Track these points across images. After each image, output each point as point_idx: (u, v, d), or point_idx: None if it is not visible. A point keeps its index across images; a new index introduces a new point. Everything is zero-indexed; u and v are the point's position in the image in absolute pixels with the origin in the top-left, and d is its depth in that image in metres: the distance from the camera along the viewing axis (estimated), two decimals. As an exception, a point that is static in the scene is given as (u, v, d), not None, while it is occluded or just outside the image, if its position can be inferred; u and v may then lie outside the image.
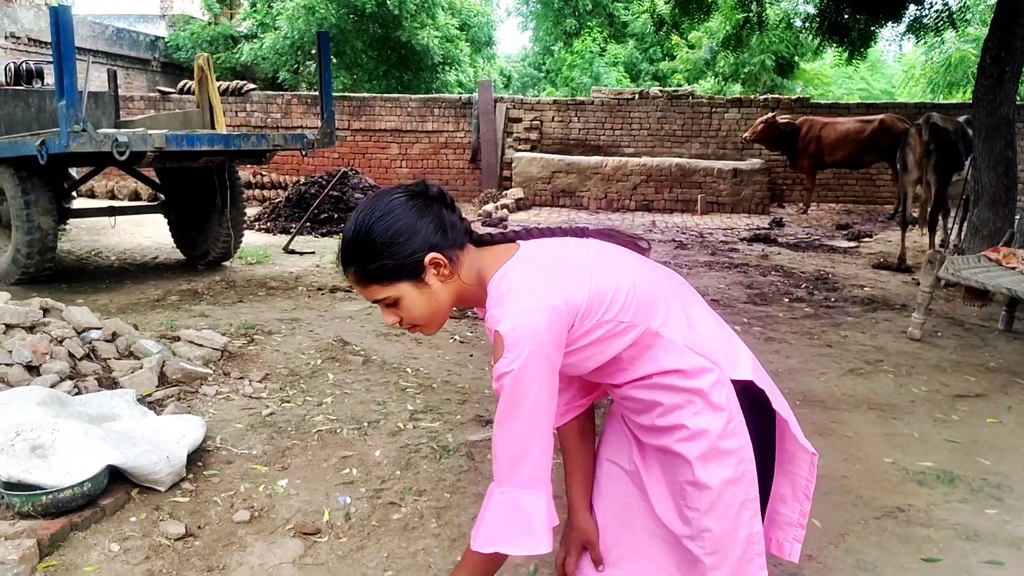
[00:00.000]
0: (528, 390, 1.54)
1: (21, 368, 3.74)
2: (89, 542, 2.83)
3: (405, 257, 1.60)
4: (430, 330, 1.72)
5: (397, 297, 1.64)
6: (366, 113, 16.02)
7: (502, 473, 1.58)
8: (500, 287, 1.61)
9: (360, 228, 1.61)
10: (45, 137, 6.31)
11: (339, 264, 1.68)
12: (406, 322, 1.69)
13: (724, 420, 1.65)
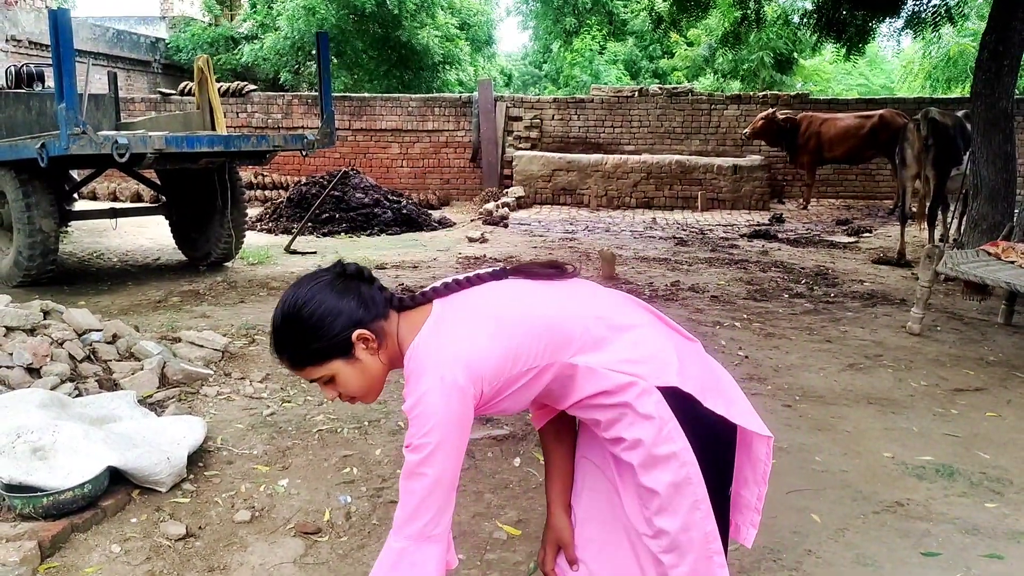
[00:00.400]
0: (431, 463, 1.59)
1: (22, 370, 3.76)
2: (90, 543, 2.85)
3: (333, 337, 1.67)
4: (368, 399, 1.79)
5: (332, 375, 1.71)
6: (367, 113, 16.03)
7: (399, 524, 1.63)
8: (410, 365, 1.67)
9: (287, 317, 1.69)
10: (45, 140, 6.33)
11: (272, 352, 1.76)
12: (345, 396, 1.76)
13: (656, 428, 1.68)
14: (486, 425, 3.98)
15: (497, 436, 3.86)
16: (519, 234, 11.37)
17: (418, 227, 12.02)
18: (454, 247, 10.13)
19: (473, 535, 3.06)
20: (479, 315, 1.71)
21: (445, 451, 1.59)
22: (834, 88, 29.47)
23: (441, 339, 1.66)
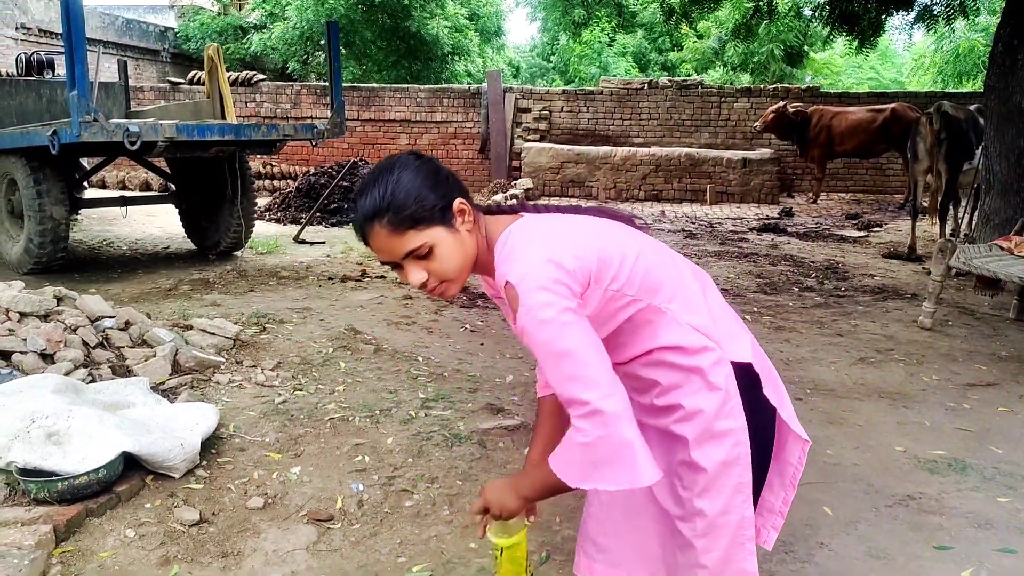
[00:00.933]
0: (557, 328, 1.49)
1: (36, 356, 3.77)
2: (105, 528, 2.86)
3: (437, 200, 1.58)
4: (455, 287, 1.66)
5: (432, 245, 1.58)
6: (375, 103, 16.02)
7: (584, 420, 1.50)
8: (508, 244, 1.60)
9: (389, 180, 1.58)
10: (57, 127, 6.33)
11: (363, 224, 1.61)
12: (435, 276, 1.62)
13: (720, 400, 1.64)
14: (497, 415, 3.99)
15: (508, 426, 3.86)
16: (528, 226, 11.35)
17: (427, 218, 12.01)
18: (463, 238, 10.12)
19: (485, 524, 3.07)
20: (575, 226, 1.66)
21: (565, 313, 1.50)
22: (844, 82, 29.36)
23: (542, 232, 1.61)
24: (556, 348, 1.50)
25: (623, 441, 1.49)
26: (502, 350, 5.13)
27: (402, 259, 1.60)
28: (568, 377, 1.49)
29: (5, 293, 4.21)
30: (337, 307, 5.95)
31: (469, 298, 6.61)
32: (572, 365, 1.49)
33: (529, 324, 1.50)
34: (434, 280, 1.63)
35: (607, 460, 1.50)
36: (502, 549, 1.75)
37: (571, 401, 1.50)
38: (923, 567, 2.83)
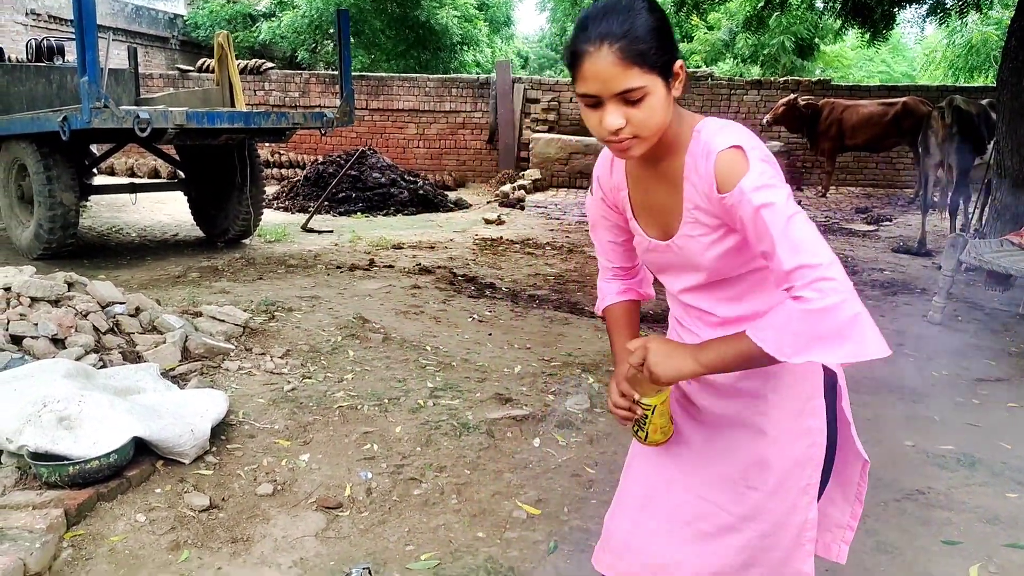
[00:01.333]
0: (786, 194, 1.44)
1: (47, 341, 3.78)
2: (115, 512, 2.87)
3: (669, 50, 1.49)
4: (642, 147, 1.53)
5: (647, 92, 1.47)
6: (384, 93, 16.00)
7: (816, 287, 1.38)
8: (711, 126, 1.54)
9: (632, 10, 1.46)
10: (67, 113, 6.34)
11: (587, 43, 1.48)
12: (632, 127, 1.50)
13: (807, 396, 1.61)
14: (506, 405, 3.99)
15: (517, 416, 3.86)
16: (536, 216, 11.35)
17: (434, 208, 12.02)
18: (470, 228, 10.12)
19: (492, 513, 3.07)
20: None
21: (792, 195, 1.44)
22: (855, 75, 29.22)
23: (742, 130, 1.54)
24: (786, 212, 1.42)
25: (853, 311, 1.37)
26: (510, 341, 5.13)
27: (611, 96, 1.48)
28: (797, 243, 1.40)
29: (16, 278, 4.22)
30: (345, 296, 5.96)
31: (477, 289, 6.61)
32: (800, 231, 1.41)
33: (763, 186, 1.44)
34: (629, 130, 1.50)
35: (833, 331, 1.38)
36: (654, 408, 1.65)
37: (799, 268, 1.39)
38: (931, 561, 2.83)
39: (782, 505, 1.64)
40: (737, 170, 1.46)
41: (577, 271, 7.59)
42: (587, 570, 2.73)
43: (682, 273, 1.68)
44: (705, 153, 1.51)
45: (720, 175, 1.48)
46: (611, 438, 3.74)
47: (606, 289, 1.94)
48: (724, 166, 1.47)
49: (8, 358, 3.57)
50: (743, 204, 1.45)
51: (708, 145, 1.51)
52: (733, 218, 1.49)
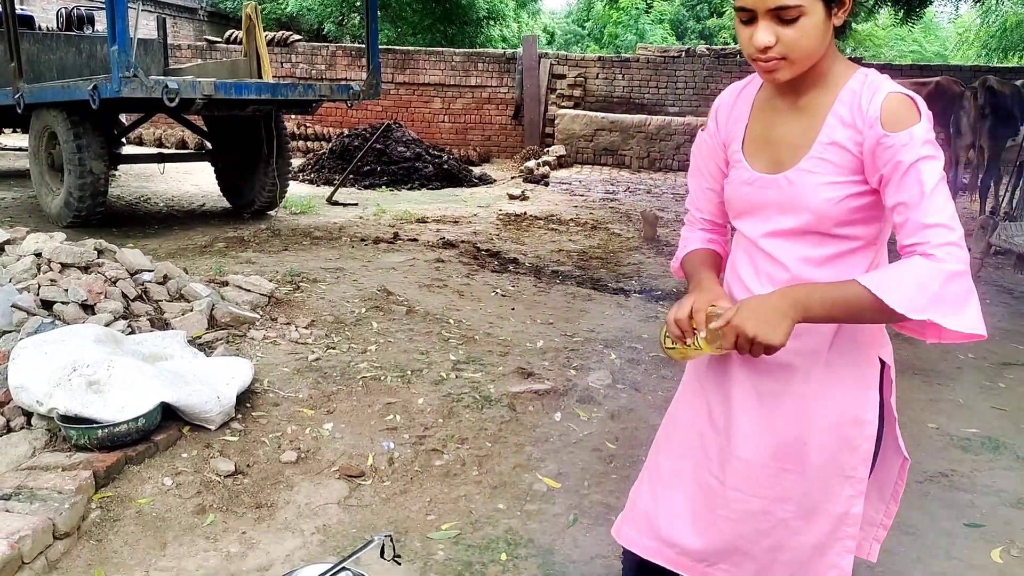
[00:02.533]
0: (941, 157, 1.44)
1: (77, 307, 3.83)
2: (143, 475, 2.92)
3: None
4: (791, 71, 1.50)
5: (803, 12, 1.43)
6: (410, 67, 15.96)
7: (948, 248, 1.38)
8: (874, 74, 1.51)
9: None
10: (97, 82, 6.39)
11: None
12: (783, 46, 1.46)
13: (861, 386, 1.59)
14: (528, 379, 4.00)
15: (538, 390, 3.88)
16: (560, 193, 11.31)
17: (458, 183, 12.02)
18: (494, 204, 10.11)
19: (513, 486, 3.10)
20: None
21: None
22: (886, 54, 28.77)
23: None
24: (939, 172, 1.42)
25: (971, 285, 1.40)
26: (533, 316, 5.14)
27: (765, 11, 1.44)
28: (943, 204, 1.40)
29: (47, 244, 4.28)
30: (369, 268, 5.98)
31: (500, 263, 6.62)
32: (947, 197, 1.41)
33: (929, 141, 1.42)
34: (778, 50, 1.46)
35: (954, 297, 1.37)
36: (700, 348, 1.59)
37: (939, 226, 1.38)
38: (953, 544, 2.82)
39: (817, 490, 1.60)
40: (909, 115, 1.43)
41: (600, 248, 7.57)
42: (606, 544, 2.75)
43: (778, 214, 1.58)
44: (873, 88, 1.47)
45: (889, 113, 1.44)
46: (632, 414, 3.75)
47: (691, 237, 1.83)
48: (895, 107, 1.44)
49: (39, 322, 3.62)
50: (906, 149, 1.41)
51: (878, 84, 1.47)
52: (878, 160, 1.45)
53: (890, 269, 1.42)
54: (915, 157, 1.40)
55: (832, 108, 1.51)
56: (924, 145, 1.41)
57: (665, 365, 4.38)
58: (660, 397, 3.96)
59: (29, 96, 7.44)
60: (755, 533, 1.66)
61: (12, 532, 2.38)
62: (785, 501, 1.62)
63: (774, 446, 1.62)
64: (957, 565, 2.70)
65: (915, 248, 1.40)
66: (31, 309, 3.75)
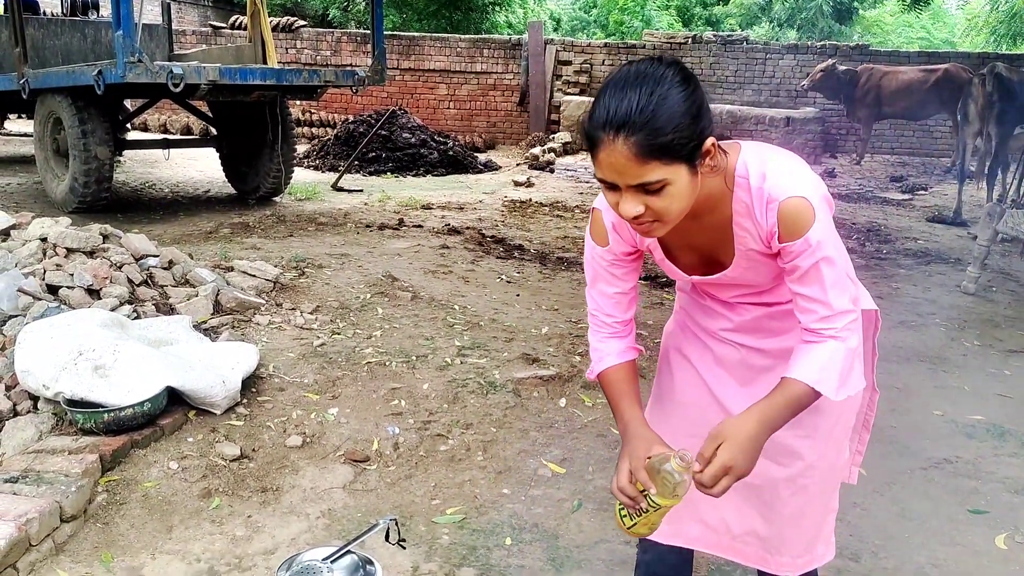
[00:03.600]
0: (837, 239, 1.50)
1: (82, 291, 3.84)
2: (149, 459, 2.94)
3: (695, 134, 1.38)
4: (664, 230, 1.47)
5: (668, 182, 1.38)
6: (415, 53, 15.90)
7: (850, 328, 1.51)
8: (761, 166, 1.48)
9: (654, 94, 1.34)
10: (102, 67, 6.37)
11: (602, 130, 1.37)
12: (652, 214, 1.42)
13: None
14: (533, 365, 4.01)
15: (544, 376, 3.88)
16: (565, 179, 11.29)
17: (464, 169, 12.00)
18: (500, 190, 10.10)
19: (518, 471, 3.11)
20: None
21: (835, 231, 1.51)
22: (894, 41, 28.58)
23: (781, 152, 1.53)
24: (840, 259, 1.49)
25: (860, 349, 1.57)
26: (538, 302, 5.14)
27: (627, 187, 1.40)
28: (845, 287, 1.50)
29: (53, 228, 4.29)
30: (374, 254, 5.98)
31: (505, 250, 6.61)
32: (846, 275, 1.50)
33: (825, 236, 1.46)
34: (649, 216, 1.43)
35: (856, 363, 1.55)
36: (662, 507, 1.55)
37: (842, 312, 1.49)
38: (956, 530, 2.82)
39: (832, 449, 1.68)
40: (803, 221, 1.45)
41: (606, 235, 7.55)
42: (610, 528, 2.76)
43: (733, 290, 1.70)
44: (763, 202, 1.47)
45: (785, 225, 1.47)
46: (637, 400, 3.75)
47: (604, 349, 1.78)
48: (789, 217, 1.46)
49: (45, 307, 3.63)
50: (805, 256, 1.48)
51: (768, 194, 1.47)
52: (783, 260, 1.52)
53: (814, 357, 1.50)
54: (813, 261, 1.47)
55: (734, 220, 1.54)
56: (821, 247, 1.46)
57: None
58: (665, 383, 3.96)
59: (34, 81, 7.43)
60: (779, 501, 1.71)
61: (19, 515, 2.39)
62: (809, 469, 1.68)
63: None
64: (961, 551, 2.71)
65: (823, 332, 1.50)
66: (37, 294, 3.75)
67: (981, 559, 2.67)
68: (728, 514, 1.78)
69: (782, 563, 1.74)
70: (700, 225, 1.57)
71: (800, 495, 1.69)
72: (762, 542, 1.76)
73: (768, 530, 1.74)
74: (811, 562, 1.75)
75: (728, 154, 1.51)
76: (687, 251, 1.66)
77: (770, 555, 1.75)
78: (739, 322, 1.73)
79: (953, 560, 2.66)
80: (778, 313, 1.68)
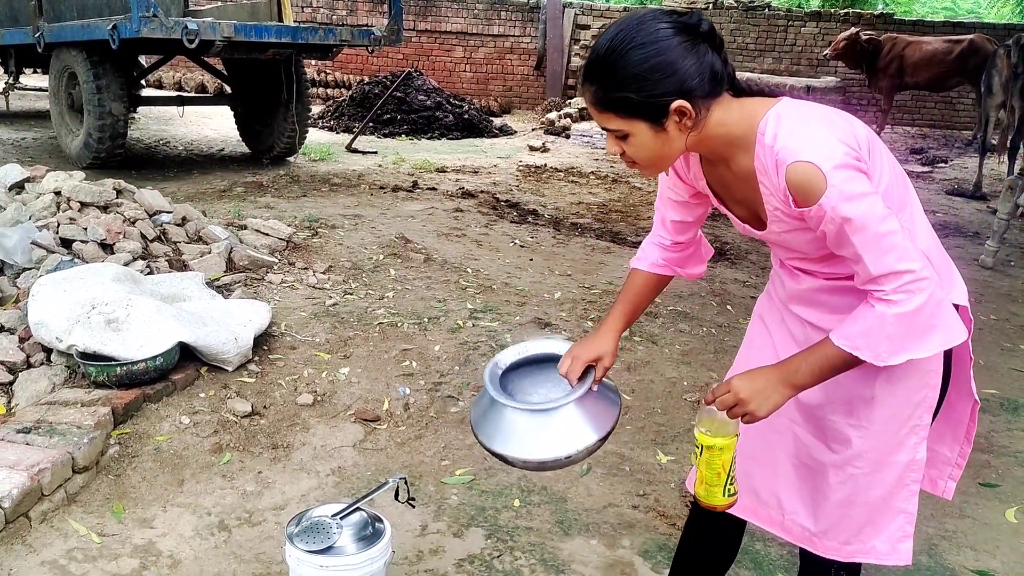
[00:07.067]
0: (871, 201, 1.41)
1: (95, 245, 3.84)
2: (161, 413, 2.95)
3: (652, 96, 1.44)
4: (650, 173, 1.60)
5: (628, 133, 1.50)
6: (432, 14, 15.74)
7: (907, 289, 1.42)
8: (781, 125, 1.45)
9: (615, 50, 1.44)
10: (117, 22, 6.33)
11: (582, 76, 1.52)
12: (628, 157, 1.55)
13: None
14: (545, 330, 3.99)
15: (555, 340, 3.87)
16: (580, 145, 11.20)
17: (479, 133, 11.92)
18: (515, 155, 10.03)
19: (528, 433, 3.10)
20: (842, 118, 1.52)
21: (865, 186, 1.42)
22: (918, 10, 28.07)
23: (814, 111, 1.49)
24: (874, 221, 1.41)
25: (936, 302, 1.44)
26: (551, 267, 5.12)
27: (601, 127, 1.55)
28: (887, 248, 1.41)
29: (67, 182, 4.28)
30: (388, 216, 5.96)
31: (519, 214, 6.58)
32: (890, 237, 1.41)
33: (844, 201, 1.40)
34: (627, 159, 1.56)
35: (926, 326, 1.45)
36: (702, 448, 1.58)
37: (889, 274, 1.42)
38: (968, 503, 2.81)
39: (887, 443, 1.61)
40: (814, 187, 1.41)
41: (621, 201, 7.51)
42: (619, 492, 2.77)
43: (786, 251, 1.67)
44: (774, 164, 1.44)
45: (795, 191, 1.43)
46: (648, 367, 3.74)
47: (646, 251, 1.91)
48: (797, 182, 1.42)
49: (58, 260, 3.63)
50: (825, 221, 1.43)
51: (777, 155, 1.43)
52: (809, 224, 1.47)
53: (859, 321, 1.47)
54: (836, 227, 1.43)
55: (758, 176, 1.51)
56: (838, 212, 1.40)
57: (682, 319, 4.35)
58: (676, 350, 3.95)
59: (49, 35, 7.39)
60: (827, 486, 1.68)
61: (32, 464, 2.41)
62: (855, 458, 1.64)
63: (841, 402, 1.63)
64: (971, 524, 2.70)
65: (873, 294, 1.45)
66: (50, 247, 3.76)
67: (991, 532, 2.66)
68: (781, 491, 1.75)
69: (827, 546, 1.71)
70: (734, 176, 1.58)
71: (848, 484, 1.65)
72: (810, 522, 1.73)
73: (817, 512, 1.71)
74: (862, 553, 1.68)
75: (757, 103, 1.51)
76: (735, 203, 1.66)
77: (817, 537, 1.72)
78: (796, 291, 1.69)
79: (963, 532, 2.65)
80: (836, 288, 1.62)
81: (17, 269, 3.64)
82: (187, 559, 2.33)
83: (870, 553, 1.68)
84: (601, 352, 1.78)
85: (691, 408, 3.41)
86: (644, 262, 1.89)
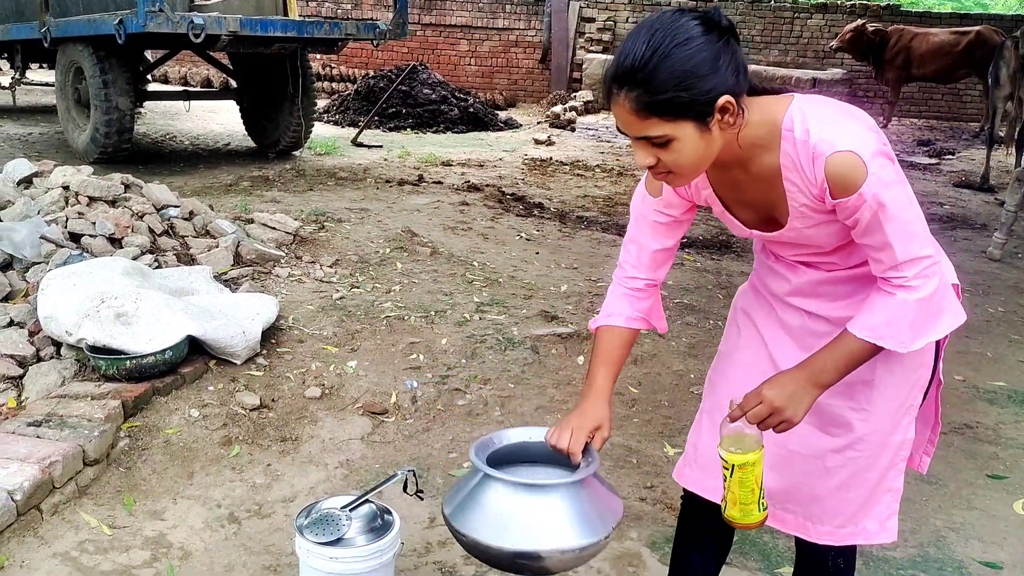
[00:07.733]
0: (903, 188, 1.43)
1: (104, 240, 3.85)
2: (170, 407, 2.97)
3: (702, 94, 1.37)
4: (682, 181, 1.51)
5: (671, 139, 1.40)
6: (437, 7, 15.71)
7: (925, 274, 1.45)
8: (808, 120, 1.44)
9: (657, 50, 1.35)
10: (123, 16, 6.34)
11: (610, 83, 1.41)
12: (664, 166, 1.45)
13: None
14: (551, 323, 4.00)
15: (562, 334, 3.88)
16: (585, 139, 11.19)
17: (484, 126, 11.91)
18: (520, 148, 10.02)
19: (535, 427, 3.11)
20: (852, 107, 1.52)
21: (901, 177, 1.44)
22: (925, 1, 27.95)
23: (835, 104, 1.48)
24: (905, 208, 1.43)
25: (947, 284, 1.50)
26: (557, 260, 5.12)
27: (634, 138, 1.44)
28: (912, 235, 1.43)
29: (75, 177, 4.30)
30: (394, 210, 5.97)
31: (525, 208, 6.58)
32: (916, 224, 1.44)
33: (883, 188, 1.40)
34: (662, 168, 1.46)
35: (939, 308, 1.49)
36: (733, 468, 1.51)
37: (912, 260, 1.44)
38: (975, 494, 2.82)
39: (884, 425, 1.62)
40: (855, 176, 1.40)
41: (626, 194, 7.50)
42: (626, 486, 2.77)
43: (795, 248, 1.65)
44: (810, 157, 1.43)
45: (835, 182, 1.42)
46: (655, 359, 3.75)
47: (615, 307, 1.80)
48: (839, 174, 1.41)
49: (67, 254, 3.65)
50: (863, 209, 1.42)
51: (813, 149, 1.42)
52: (840, 215, 1.47)
53: (877, 311, 1.48)
54: (871, 213, 1.42)
55: (783, 173, 1.49)
56: (877, 199, 1.40)
57: (689, 312, 4.36)
58: (683, 343, 3.95)
59: (55, 30, 7.40)
60: (824, 471, 1.68)
61: (43, 457, 2.43)
62: (859, 442, 1.64)
63: (842, 386, 1.61)
64: (979, 515, 2.70)
65: (892, 281, 1.47)
66: (59, 241, 3.77)
67: (999, 523, 2.66)
68: (772, 481, 1.72)
69: (822, 532, 1.71)
70: (750, 177, 1.55)
71: (847, 467, 1.65)
72: (804, 510, 1.73)
73: (811, 499, 1.71)
74: (854, 535, 1.70)
75: (772, 102, 1.49)
76: (743, 207, 1.63)
77: (811, 523, 1.72)
78: (797, 284, 1.69)
79: (970, 524, 2.65)
80: (839, 279, 1.63)
81: (26, 263, 3.66)
82: (198, 551, 2.34)
83: (861, 534, 1.70)
84: (600, 421, 1.69)
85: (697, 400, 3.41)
86: (619, 318, 1.79)
